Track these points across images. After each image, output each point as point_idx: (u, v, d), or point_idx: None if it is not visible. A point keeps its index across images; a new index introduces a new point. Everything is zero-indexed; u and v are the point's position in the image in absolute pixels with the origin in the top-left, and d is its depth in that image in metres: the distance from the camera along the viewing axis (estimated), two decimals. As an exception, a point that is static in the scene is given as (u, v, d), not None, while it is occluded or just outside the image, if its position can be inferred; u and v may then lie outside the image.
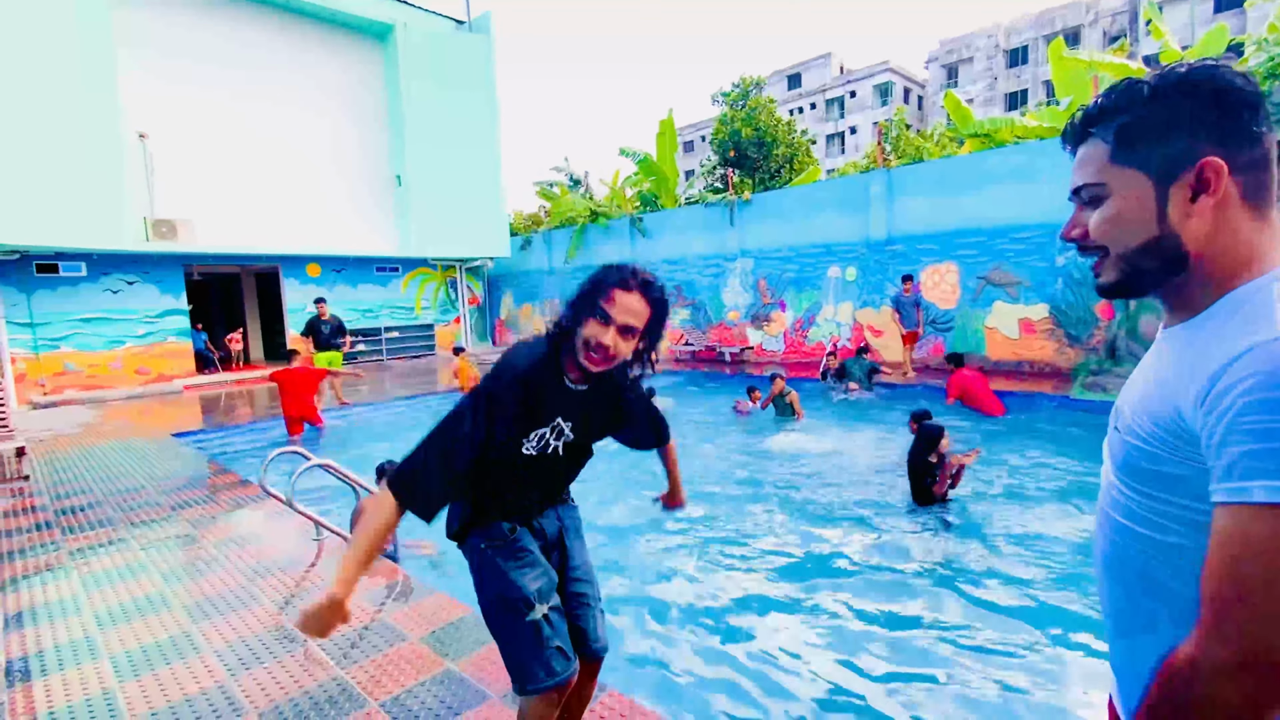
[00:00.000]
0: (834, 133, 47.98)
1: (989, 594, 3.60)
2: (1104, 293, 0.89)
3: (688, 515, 5.03)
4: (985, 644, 3.11)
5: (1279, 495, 0.61)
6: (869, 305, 12.05)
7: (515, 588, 1.59)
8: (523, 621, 1.58)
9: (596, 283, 1.54)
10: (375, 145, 15.84)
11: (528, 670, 1.58)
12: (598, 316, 1.50)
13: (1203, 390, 0.70)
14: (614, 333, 1.50)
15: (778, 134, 17.67)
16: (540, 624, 1.59)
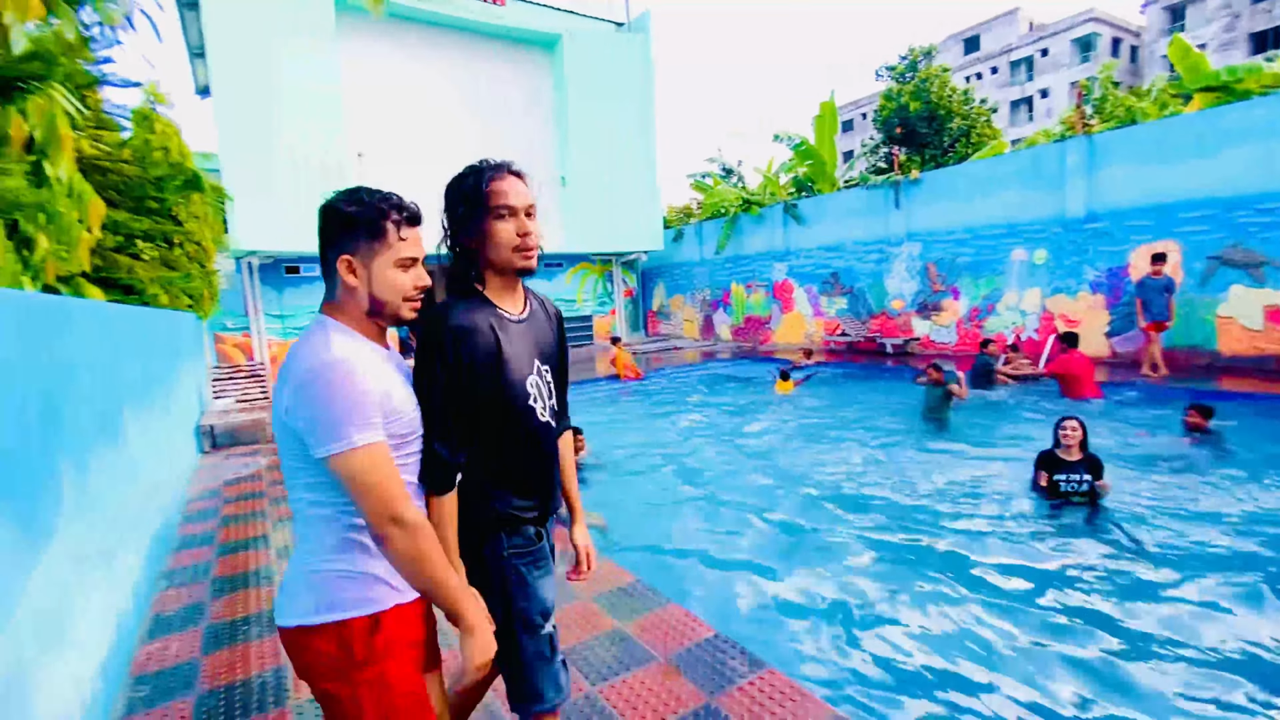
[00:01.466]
0: (1020, 98, 42.63)
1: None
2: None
3: (866, 519, 4.94)
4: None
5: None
6: (1062, 292, 10.69)
7: (540, 601, 1.49)
8: (539, 637, 1.49)
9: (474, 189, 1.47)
10: (543, 148, 17.06)
11: (538, 689, 1.49)
12: (498, 215, 1.44)
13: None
14: (523, 217, 1.45)
15: (952, 106, 16.12)
16: (552, 638, 1.52)
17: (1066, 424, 4.51)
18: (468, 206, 1.45)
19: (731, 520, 4.86)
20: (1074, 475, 4.43)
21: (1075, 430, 4.45)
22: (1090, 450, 4.53)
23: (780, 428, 7.82)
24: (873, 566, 3.97)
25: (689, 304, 19.17)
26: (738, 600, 3.64)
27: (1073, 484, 4.43)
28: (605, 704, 2.35)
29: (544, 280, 17.70)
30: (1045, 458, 4.60)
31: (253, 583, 3.62)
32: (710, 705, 2.30)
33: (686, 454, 6.86)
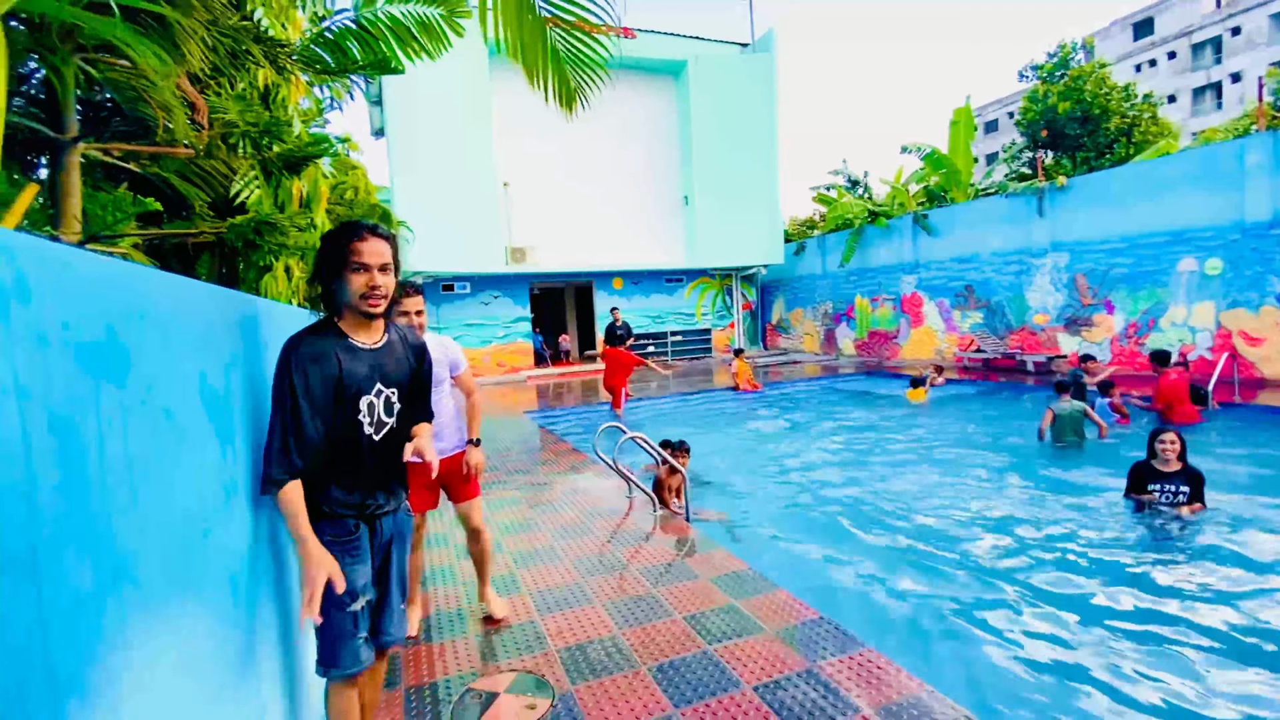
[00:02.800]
0: (1204, 84, 37.40)
1: None
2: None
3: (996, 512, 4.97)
4: None
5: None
6: (1242, 305, 9.54)
7: (349, 583, 1.74)
8: (344, 612, 1.77)
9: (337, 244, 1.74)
10: (667, 170, 17.85)
11: (337, 655, 1.79)
12: (353, 269, 1.72)
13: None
14: (376, 273, 1.73)
15: (1109, 104, 14.73)
16: (357, 616, 1.80)
17: (1165, 436, 4.53)
18: (331, 257, 1.75)
19: (845, 525, 5.07)
20: (1169, 485, 4.48)
21: (1174, 443, 4.49)
22: (1191, 466, 4.48)
23: (900, 442, 7.76)
24: (973, 575, 4.04)
25: (809, 317, 19.00)
26: (841, 592, 3.89)
27: (1168, 495, 4.48)
28: (720, 659, 2.77)
29: (665, 295, 18.42)
30: (1141, 467, 4.66)
31: (435, 543, 4.42)
32: (812, 669, 2.65)
33: (803, 464, 7.07)
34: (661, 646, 2.91)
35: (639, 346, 17.95)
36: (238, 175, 2.97)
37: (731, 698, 2.49)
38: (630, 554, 4.09)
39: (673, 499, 5.04)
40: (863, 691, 2.48)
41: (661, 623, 3.14)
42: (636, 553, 4.11)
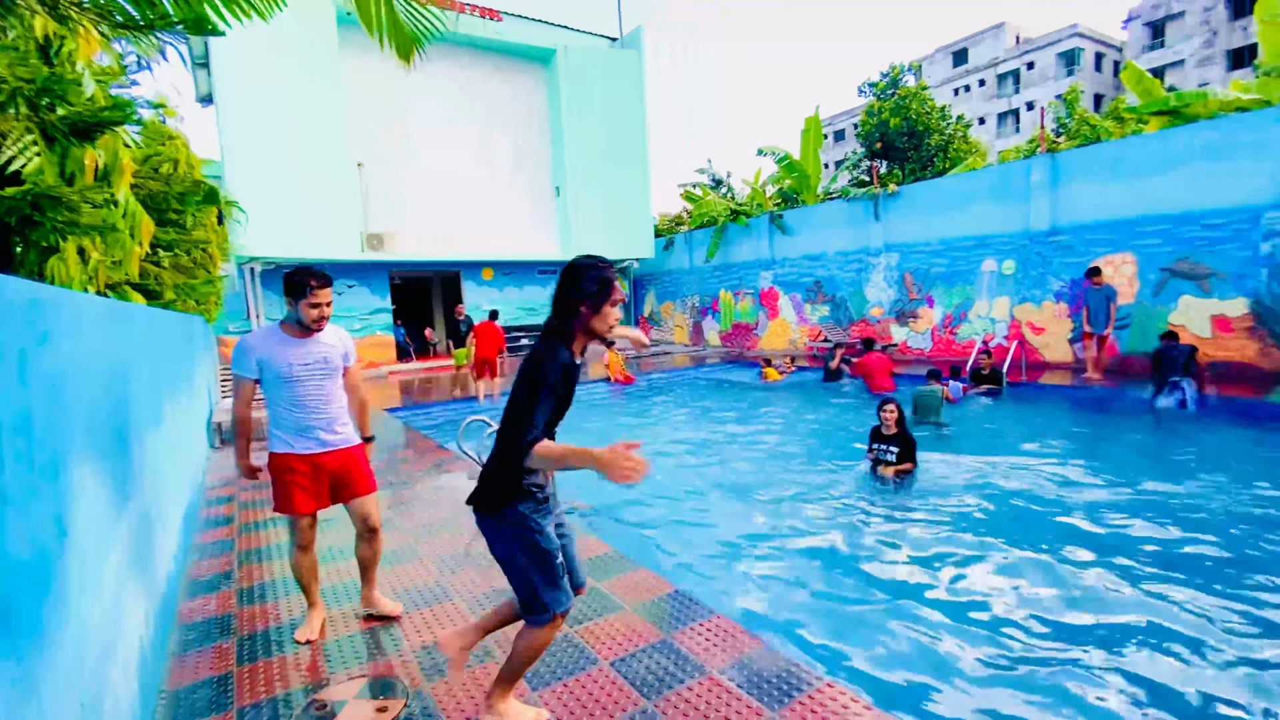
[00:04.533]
0: (1007, 110, 43.57)
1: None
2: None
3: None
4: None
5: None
6: (1029, 300, 11.29)
7: (550, 539, 2.08)
8: (553, 563, 2.07)
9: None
10: (538, 159, 17.62)
11: (554, 599, 2.09)
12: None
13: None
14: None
15: (930, 122, 16.78)
16: (562, 564, 2.12)
17: (887, 405, 5.53)
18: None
19: (701, 504, 5.37)
20: (884, 446, 5.55)
21: (891, 411, 5.49)
22: (906, 431, 5.54)
23: (753, 426, 8.34)
24: (802, 541, 4.49)
25: (679, 310, 19.72)
26: (696, 566, 4.15)
27: (881, 452, 5.57)
28: (581, 641, 2.84)
29: (539, 287, 18.21)
30: (873, 430, 5.70)
31: (276, 555, 4.09)
32: (666, 640, 2.80)
33: (666, 449, 7.36)
34: (523, 635, 2.92)
35: (513, 339, 17.62)
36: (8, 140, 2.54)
37: (589, 674, 2.58)
38: (495, 547, 4.04)
39: (539, 490, 5.05)
40: (710, 654, 2.67)
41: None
42: (501, 546, 4.07)
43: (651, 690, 2.45)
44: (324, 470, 2.92)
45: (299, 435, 2.87)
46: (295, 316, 2.83)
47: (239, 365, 2.79)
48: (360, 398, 3.12)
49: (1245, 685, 2.75)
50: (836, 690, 2.39)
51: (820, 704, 2.31)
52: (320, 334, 2.90)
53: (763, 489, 5.72)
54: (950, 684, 2.86)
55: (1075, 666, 2.92)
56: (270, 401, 2.87)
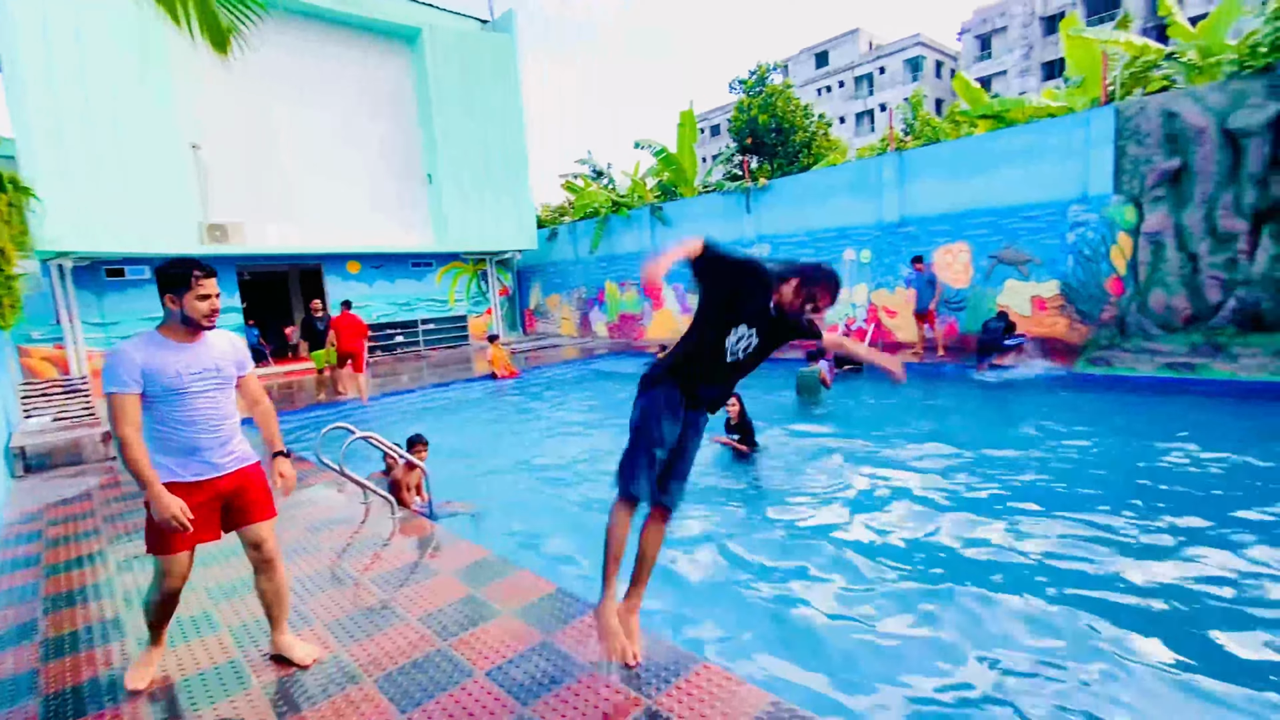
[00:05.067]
0: (863, 111, 47.21)
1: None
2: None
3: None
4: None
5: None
6: (884, 287, 12.30)
7: (660, 429, 2.33)
8: (648, 450, 2.32)
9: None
10: (408, 145, 16.62)
11: (631, 478, 2.33)
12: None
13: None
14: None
15: (794, 119, 17.79)
16: (652, 457, 2.33)
17: (729, 401, 5.90)
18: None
19: (586, 497, 5.34)
20: (731, 434, 6.22)
21: (732, 405, 6.10)
22: (745, 418, 6.19)
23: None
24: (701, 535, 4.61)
25: (566, 302, 19.53)
26: (579, 561, 4.12)
27: (732, 437, 6.21)
28: (455, 654, 2.70)
29: (413, 281, 17.27)
30: (726, 421, 6.28)
31: (91, 597, 3.54)
32: (545, 641, 2.74)
33: (550, 444, 7.26)
34: (391, 654, 2.74)
35: (386, 336, 16.59)
36: None
37: (463, 688, 2.46)
38: (364, 564, 3.77)
39: (414, 497, 4.77)
40: (591, 650, 2.64)
41: (393, 629, 2.96)
42: (372, 562, 3.80)
43: (529, 695, 2.38)
44: (218, 496, 2.53)
45: (189, 458, 2.46)
46: (179, 316, 2.43)
47: (115, 380, 2.31)
48: (265, 408, 2.75)
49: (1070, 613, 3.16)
50: (713, 671, 2.44)
51: (698, 685, 2.36)
52: (209, 338, 2.53)
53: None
54: (816, 654, 3.04)
55: (926, 622, 3.21)
56: (151, 421, 2.42)
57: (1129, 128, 9.15)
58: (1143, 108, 9.01)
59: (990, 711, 2.61)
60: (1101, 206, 9.51)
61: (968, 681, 2.78)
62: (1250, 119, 8.07)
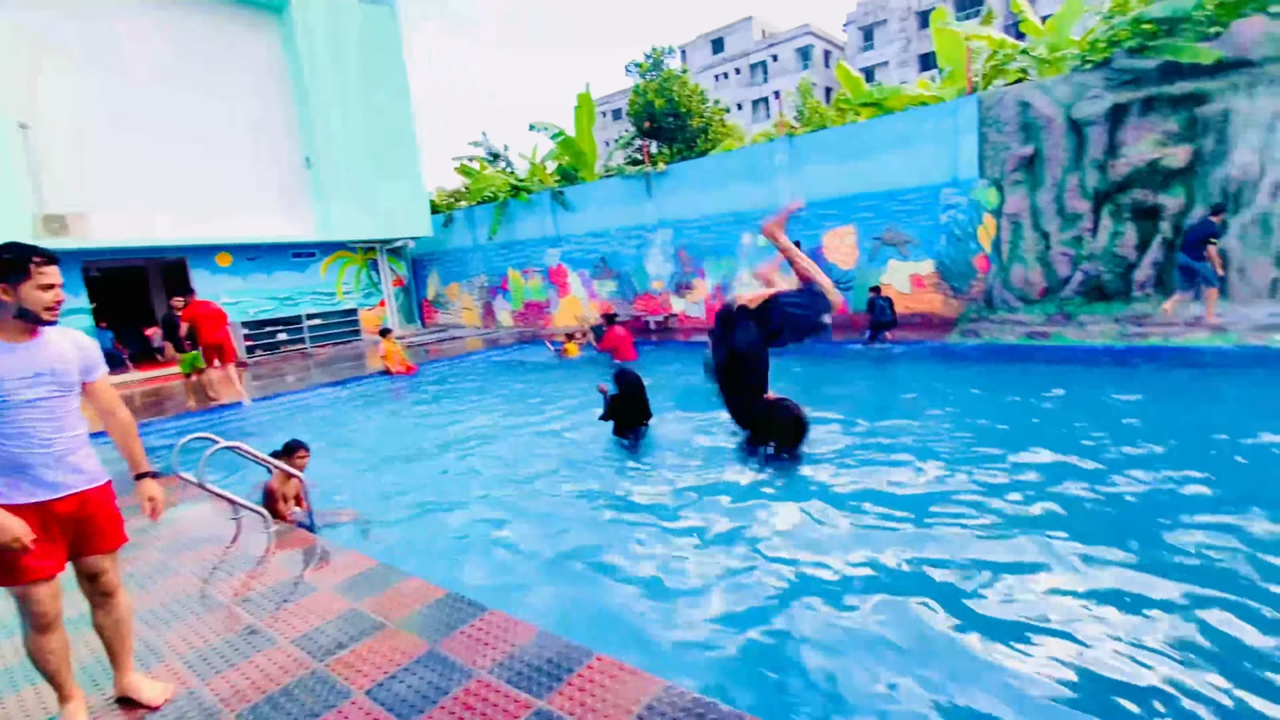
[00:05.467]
0: (759, 98, 48.60)
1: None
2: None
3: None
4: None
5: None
6: (780, 270, 12.72)
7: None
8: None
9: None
10: (280, 126, 15.29)
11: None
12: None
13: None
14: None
15: (691, 104, 17.99)
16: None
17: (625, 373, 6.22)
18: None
19: (481, 495, 5.16)
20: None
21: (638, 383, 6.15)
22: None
23: (547, 407, 8.28)
24: (586, 522, 4.58)
25: (466, 291, 18.84)
26: (472, 562, 3.97)
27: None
28: (332, 675, 2.50)
29: (295, 273, 16.03)
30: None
31: (-118, 654, 2.99)
32: (433, 650, 2.59)
33: (446, 442, 6.96)
34: (258, 684, 2.50)
35: (267, 335, 15.34)
36: None
37: (339, 712, 2.28)
38: (234, 586, 3.43)
39: (291, 508, 4.41)
40: (479, 655, 2.52)
41: (262, 655, 2.70)
42: (242, 582, 3.47)
43: (412, 710, 2.24)
44: (56, 521, 2.16)
45: (18, 476, 2.08)
46: (13, 310, 2.06)
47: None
48: (122, 420, 2.37)
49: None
50: (606, 663, 2.40)
51: (590, 679, 2.31)
52: (47, 338, 2.16)
53: (538, 472, 5.67)
54: (712, 633, 3.08)
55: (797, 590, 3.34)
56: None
57: (990, 116, 9.93)
58: (1001, 98, 9.80)
59: (861, 661, 2.74)
60: (969, 190, 10.29)
61: (856, 646, 2.91)
62: (1091, 109, 8.97)
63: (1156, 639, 2.71)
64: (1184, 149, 8.49)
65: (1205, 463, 4.50)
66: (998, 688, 2.50)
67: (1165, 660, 2.58)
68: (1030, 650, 2.70)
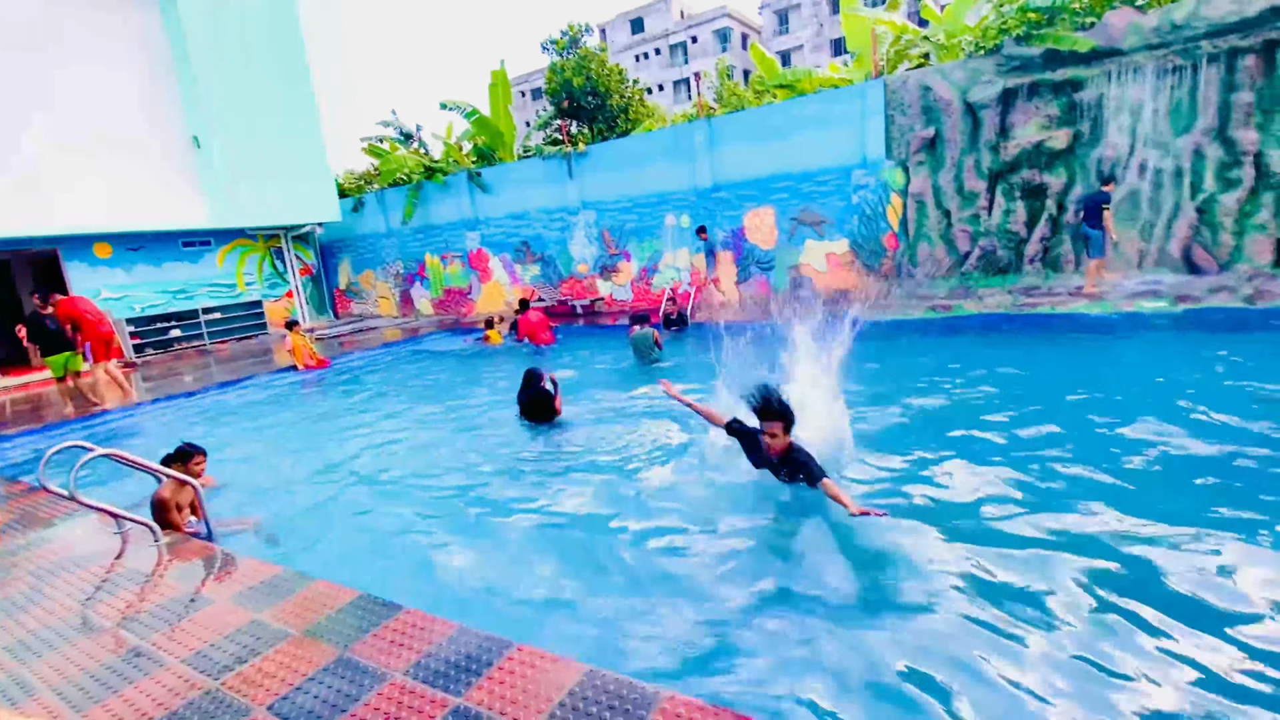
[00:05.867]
0: (680, 79, 48.67)
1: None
2: None
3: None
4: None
5: None
6: (703, 250, 12.86)
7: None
8: None
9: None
10: (164, 103, 13.94)
11: None
12: None
13: None
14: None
15: (610, 84, 17.77)
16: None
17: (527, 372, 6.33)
18: None
19: (395, 491, 4.97)
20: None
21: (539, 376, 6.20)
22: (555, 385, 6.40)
23: (468, 400, 8.05)
24: (486, 515, 4.50)
25: (382, 279, 17.99)
26: (388, 559, 3.82)
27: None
28: (228, 693, 2.33)
29: (187, 264, 14.80)
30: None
31: None
32: (343, 656, 2.46)
33: (357, 438, 6.65)
34: (144, 710, 2.29)
35: (158, 331, 14.12)
36: None
37: (237, 733, 2.12)
38: (119, 607, 3.13)
39: (187, 519, 4.07)
40: (394, 656, 2.42)
41: (149, 679, 2.48)
42: (129, 602, 3.17)
43: (319, 723, 2.12)
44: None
45: None
46: None
47: None
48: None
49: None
50: (527, 652, 2.36)
51: (511, 671, 2.26)
52: None
53: (455, 466, 5.52)
54: (635, 612, 3.09)
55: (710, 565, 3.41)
56: None
57: (895, 100, 10.34)
58: (905, 82, 10.21)
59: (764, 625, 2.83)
60: (878, 170, 10.71)
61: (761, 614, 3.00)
62: (984, 93, 9.50)
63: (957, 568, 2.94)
64: (1065, 132, 9.15)
65: (1050, 411, 4.94)
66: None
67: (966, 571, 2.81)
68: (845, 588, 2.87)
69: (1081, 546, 3.23)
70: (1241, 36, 7.95)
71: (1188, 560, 3.02)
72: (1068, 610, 2.76)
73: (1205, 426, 4.56)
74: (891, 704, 2.37)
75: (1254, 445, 4.16)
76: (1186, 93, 8.45)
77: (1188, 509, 3.48)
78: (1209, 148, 8.41)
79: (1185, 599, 2.79)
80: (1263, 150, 8.11)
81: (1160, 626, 2.62)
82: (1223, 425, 4.54)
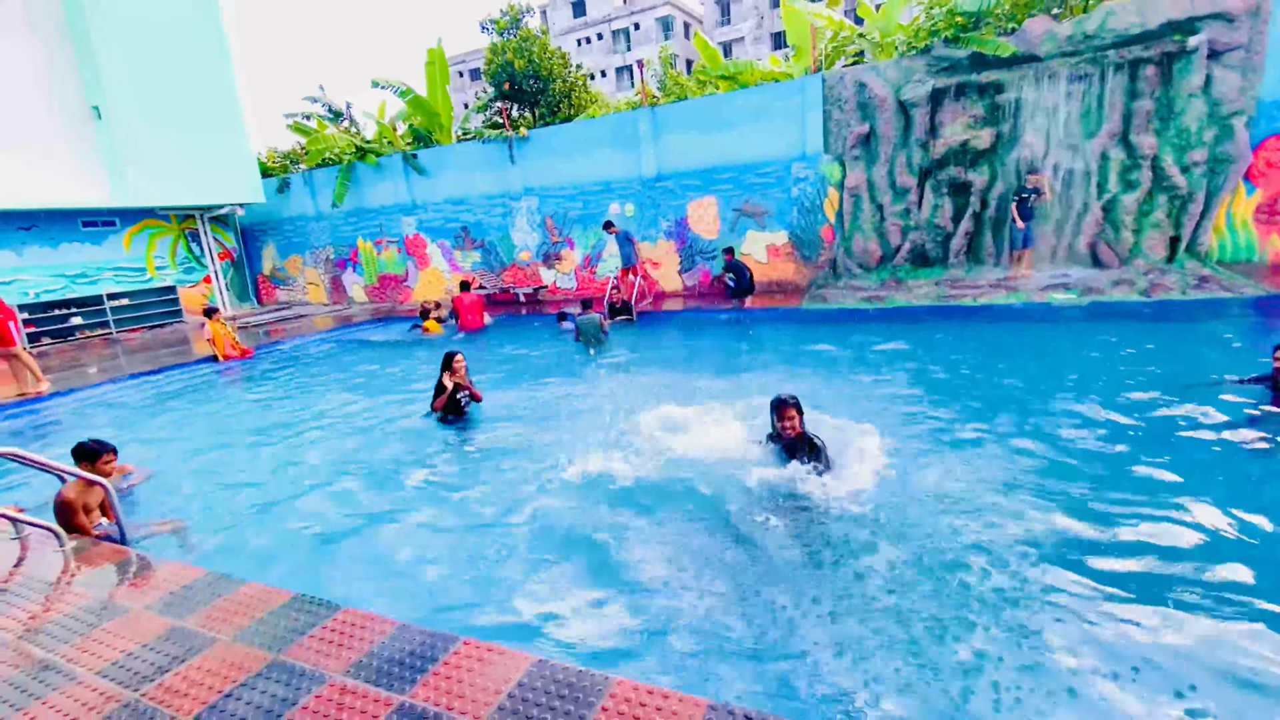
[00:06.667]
0: (623, 65, 48.28)
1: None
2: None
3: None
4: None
5: None
6: (647, 239, 12.88)
7: None
8: None
9: None
10: (57, 69, 12.69)
11: None
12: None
13: None
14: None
15: (553, 68, 17.43)
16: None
17: (457, 355, 6.11)
18: None
19: (332, 488, 4.78)
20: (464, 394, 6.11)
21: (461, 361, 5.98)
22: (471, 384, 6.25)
23: (407, 391, 7.81)
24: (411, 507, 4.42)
25: (310, 264, 17.13)
26: (322, 558, 3.68)
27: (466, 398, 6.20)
28: (150, 705, 2.18)
29: (90, 245, 13.66)
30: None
31: None
32: (276, 660, 2.35)
33: (286, 434, 6.34)
34: (52, 728, 2.12)
35: (56, 319, 12.99)
36: None
37: (160, 746, 1.99)
38: (19, 618, 2.87)
39: (97, 521, 3.78)
40: (332, 657, 2.33)
41: (58, 694, 2.29)
42: (31, 612, 2.91)
43: (252, 730, 2.02)
44: None
45: None
46: None
47: None
48: None
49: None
50: (473, 645, 2.32)
51: (457, 665, 2.22)
52: None
53: (386, 459, 5.36)
54: (585, 601, 3.09)
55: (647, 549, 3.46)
56: None
57: (832, 95, 10.61)
58: (841, 78, 10.50)
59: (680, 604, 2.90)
60: (816, 164, 10.99)
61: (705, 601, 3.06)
62: (916, 92, 9.88)
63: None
64: (988, 131, 9.65)
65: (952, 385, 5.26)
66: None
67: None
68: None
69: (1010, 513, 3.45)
70: (1144, 48, 8.59)
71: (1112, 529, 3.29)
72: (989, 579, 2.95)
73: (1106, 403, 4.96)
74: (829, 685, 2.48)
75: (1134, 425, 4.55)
76: (1095, 99, 9.06)
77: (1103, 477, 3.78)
78: (1113, 150, 9.07)
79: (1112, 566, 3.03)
80: (1159, 155, 8.81)
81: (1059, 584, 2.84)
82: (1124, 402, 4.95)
